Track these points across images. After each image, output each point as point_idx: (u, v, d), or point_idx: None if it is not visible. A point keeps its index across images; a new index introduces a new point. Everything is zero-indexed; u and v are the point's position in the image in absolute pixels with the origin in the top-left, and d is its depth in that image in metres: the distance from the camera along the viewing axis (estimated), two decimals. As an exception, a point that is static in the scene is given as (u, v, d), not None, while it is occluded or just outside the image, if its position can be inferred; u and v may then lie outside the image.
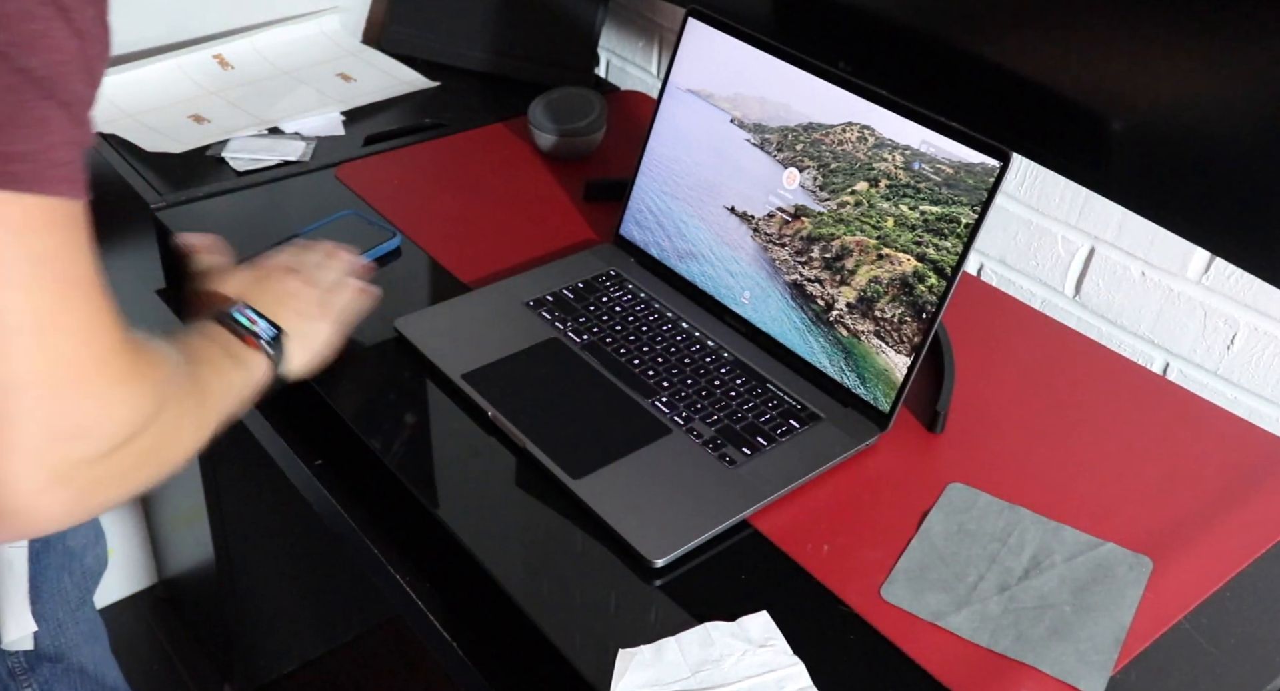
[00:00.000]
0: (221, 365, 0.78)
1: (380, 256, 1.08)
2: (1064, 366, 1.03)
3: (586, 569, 0.79)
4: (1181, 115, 0.82)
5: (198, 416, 0.71)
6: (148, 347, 0.65)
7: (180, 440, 0.69)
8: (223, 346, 0.80)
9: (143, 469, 0.65)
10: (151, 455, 0.65)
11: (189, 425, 0.70)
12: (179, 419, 0.67)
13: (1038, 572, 0.80)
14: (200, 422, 0.72)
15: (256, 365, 0.82)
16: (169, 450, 0.67)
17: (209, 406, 0.73)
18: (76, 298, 0.57)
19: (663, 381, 0.93)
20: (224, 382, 0.77)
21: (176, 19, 1.39)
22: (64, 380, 0.57)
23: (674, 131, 1.04)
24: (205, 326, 0.81)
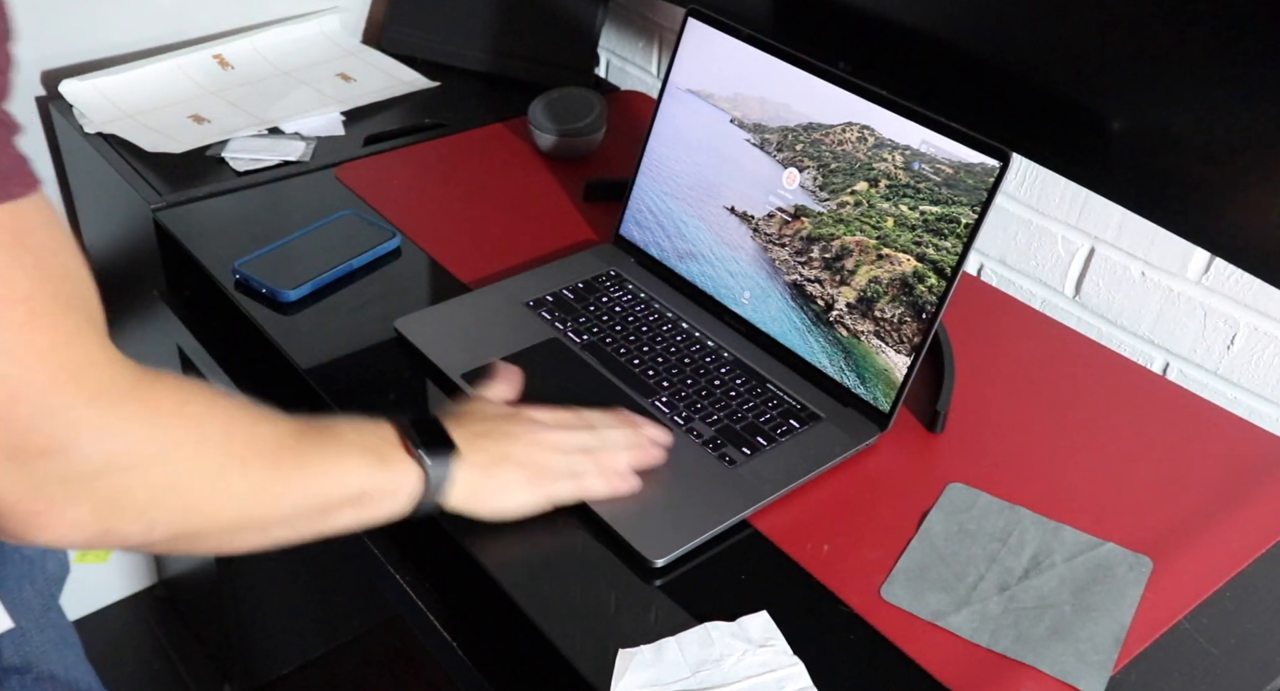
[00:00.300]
0: (346, 454, 0.71)
1: (380, 257, 1.08)
2: (1064, 366, 1.03)
3: (586, 569, 0.79)
4: (1181, 115, 0.82)
5: (262, 481, 0.66)
6: (156, 380, 0.61)
7: (218, 493, 0.64)
8: (368, 440, 0.73)
9: (162, 508, 0.61)
10: (172, 495, 0.61)
11: (238, 483, 0.64)
12: (219, 470, 0.63)
13: (1038, 572, 0.80)
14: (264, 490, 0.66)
15: (403, 471, 0.73)
16: (200, 498, 0.63)
17: (288, 479, 0.67)
18: (21, 313, 0.54)
19: (663, 381, 0.93)
20: (335, 469, 0.70)
21: (176, 19, 1.39)
22: (21, 394, 0.54)
23: (674, 131, 1.04)
24: (378, 421, 0.74)
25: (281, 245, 1.08)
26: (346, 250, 1.07)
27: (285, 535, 0.69)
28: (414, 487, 0.73)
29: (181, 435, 0.62)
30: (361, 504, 0.72)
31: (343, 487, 0.70)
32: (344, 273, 1.05)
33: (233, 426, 0.65)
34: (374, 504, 0.72)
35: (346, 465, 0.71)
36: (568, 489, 0.80)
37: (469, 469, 0.76)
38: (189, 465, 0.62)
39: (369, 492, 0.72)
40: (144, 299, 1.26)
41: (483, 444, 0.77)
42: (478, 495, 0.77)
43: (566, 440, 0.81)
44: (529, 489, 0.79)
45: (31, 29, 1.30)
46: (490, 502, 0.78)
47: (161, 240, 1.13)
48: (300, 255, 1.06)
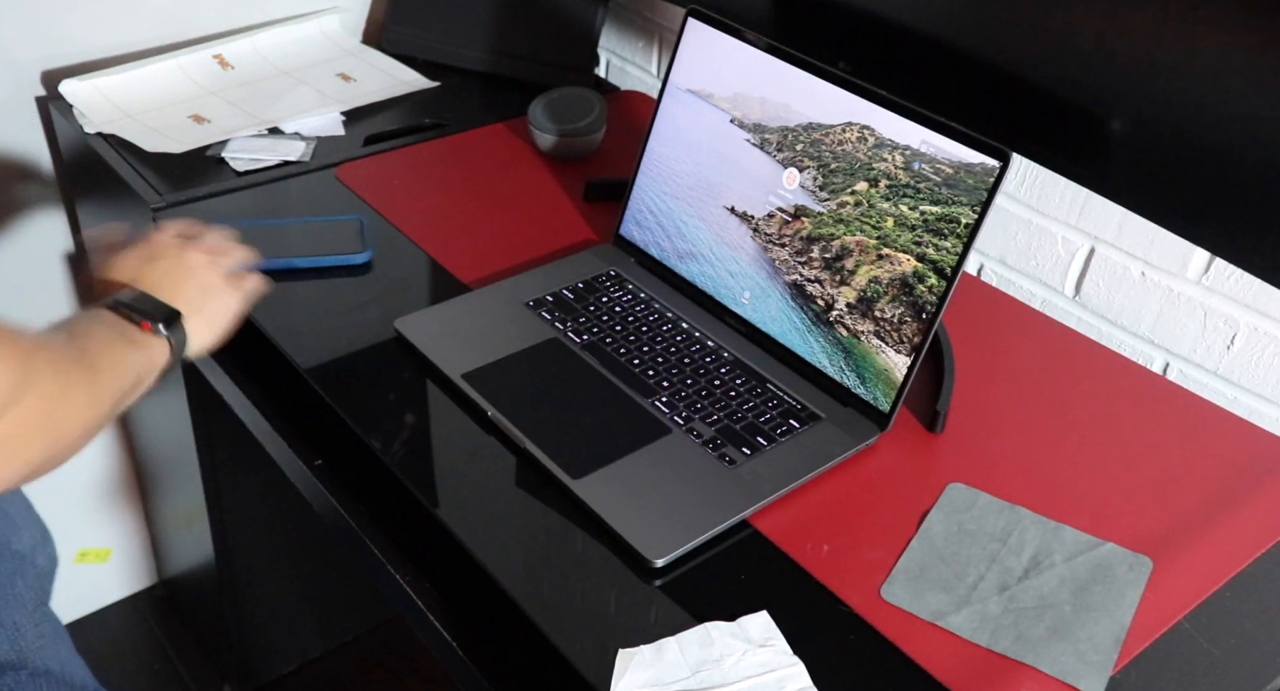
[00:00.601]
0: (114, 346, 0.77)
1: (339, 265, 1.07)
2: (1064, 366, 1.03)
3: (586, 569, 0.79)
4: (1181, 115, 0.82)
5: (89, 392, 0.71)
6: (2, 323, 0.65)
7: (71, 414, 0.69)
8: (116, 330, 0.78)
9: (34, 441, 0.65)
10: (39, 428, 0.65)
11: (79, 399, 0.70)
12: (64, 392, 0.68)
13: (1038, 572, 0.80)
14: (94, 398, 0.71)
15: (154, 347, 0.80)
16: (59, 423, 0.68)
17: (101, 383, 0.73)
18: None
19: (663, 381, 0.93)
20: (117, 362, 0.76)
21: (176, 19, 1.39)
22: None
23: (674, 131, 1.04)
24: (97, 312, 0.80)
25: (264, 223, 1.10)
26: (313, 248, 1.07)
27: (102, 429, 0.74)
28: (165, 356, 0.81)
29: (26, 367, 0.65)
30: (138, 385, 0.78)
31: (129, 377, 0.77)
32: (287, 267, 1.06)
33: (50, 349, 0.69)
34: (143, 383, 0.79)
35: (123, 356, 0.77)
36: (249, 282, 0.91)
37: (193, 317, 0.84)
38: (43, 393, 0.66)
39: (141, 375, 0.78)
40: (144, 299, 1.26)
41: (183, 290, 0.84)
42: (205, 335, 0.86)
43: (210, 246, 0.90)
44: (232, 300, 0.89)
45: (31, 29, 1.30)
46: (214, 334, 0.88)
47: (161, 240, 1.13)
48: (269, 237, 1.08)
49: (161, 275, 0.85)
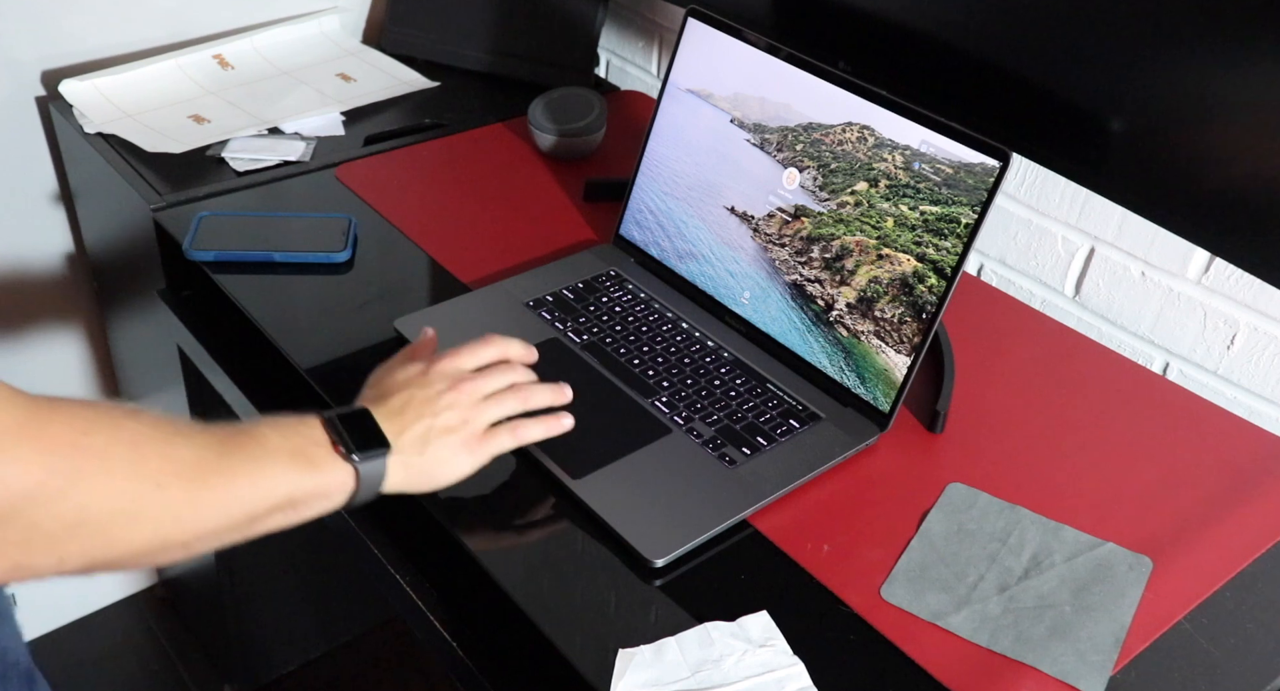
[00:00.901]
0: (273, 461, 0.69)
1: (316, 263, 1.07)
2: (1064, 366, 1.03)
3: (586, 569, 0.79)
4: (1181, 115, 0.82)
5: (181, 503, 0.64)
6: (52, 410, 0.59)
7: (133, 519, 0.62)
8: (295, 444, 0.71)
9: (73, 542, 0.60)
10: (82, 529, 0.60)
11: (154, 507, 0.63)
12: (132, 497, 0.61)
13: (1038, 572, 0.80)
14: (184, 510, 0.64)
15: (332, 473, 0.71)
16: (113, 528, 0.61)
17: (211, 496, 0.65)
18: None
19: (663, 381, 0.93)
20: (262, 479, 0.68)
21: (176, 19, 1.39)
22: None
23: (674, 131, 1.04)
24: (306, 419, 0.73)
25: (251, 215, 1.11)
26: (294, 243, 1.07)
27: (210, 546, 0.67)
28: (347, 486, 0.72)
29: (83, 465, 0.59)
30: (292, 508, 0.70)
31: (270, 496, 0.68)
32: (265, 259, 1.06)
33: (144, 450, 0.63)
34: (305, 507, 0.71)
35: (273, 473, 0.69)
36: (504, 440, 0.79)
37: (401, 455, 0.75)
38: (96, 496, 0.60)
39: (299, 498, 0.70)
40: (144, 299, 1.26)
41: (407, 422, 0.76)
42: (416, 476, 0.76)
43: (487, 385, 0.80)
44: (466, 453, 0.78)
45: (31, 29, 1.30)
46: (430, 480, 0.77)
47: (161, 240, 1.13)
48: (256, 229, 1.08)
49: (403, 403, 0.77)
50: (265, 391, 1.03)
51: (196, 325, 1.12)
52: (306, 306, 1.03)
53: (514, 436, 0.80)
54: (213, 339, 1.10)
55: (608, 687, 0.70)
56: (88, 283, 1.48)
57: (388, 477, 0.74)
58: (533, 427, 0.81)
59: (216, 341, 1.10)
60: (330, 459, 0.72)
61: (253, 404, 1.02)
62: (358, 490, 0.73)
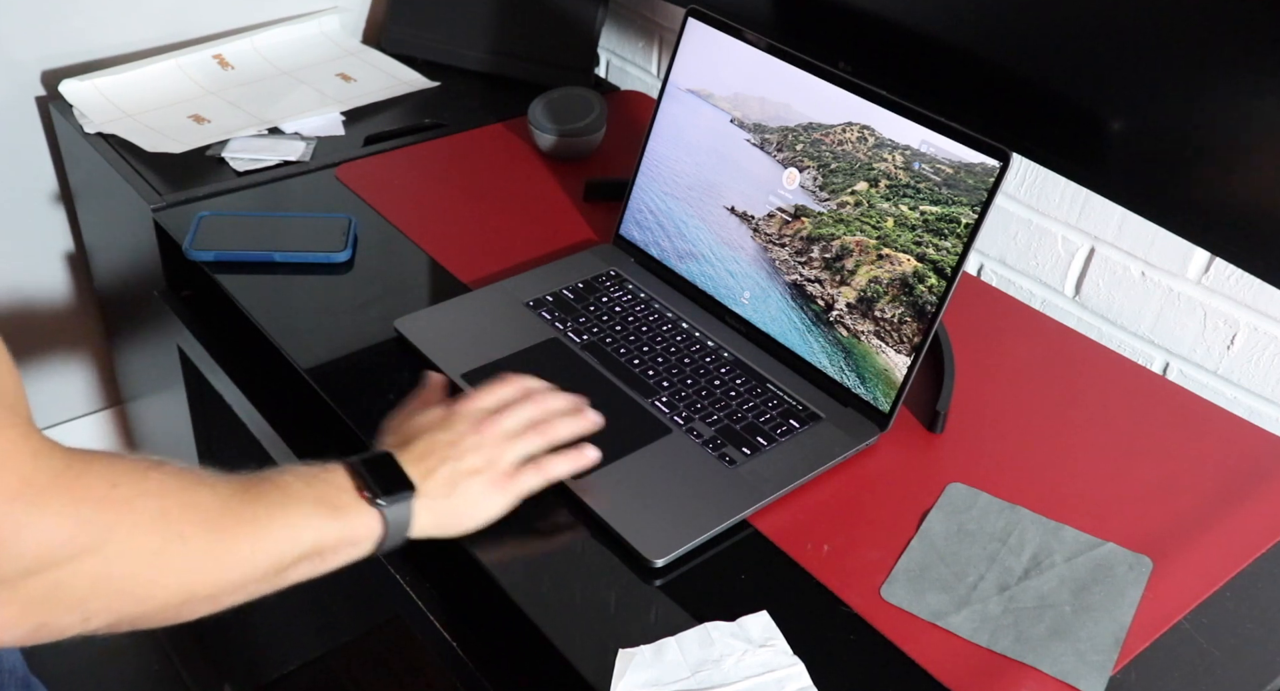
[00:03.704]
0: (297, 509, 0.68)
1: (316, 263, 1.07)
2: (1064, 366, 1.03)
3: (586, 569, 0.79)
4: (1181, 115, 0.82)
5: (204, 554, 0.63)
6: (83, 463, 0.58)
7: (159, 572, 0.61)
8: (320, 491, 0.70)
9: (98, 598, 0.59)
10: (108, 584, 0.58)
11: (179, 560, 0.61)
12: (158, 549, 0.60)
13: (1038, 572, 0.80)
14: (208, 562, 0.63)
15: (358, 518, 0.70)
16: (139, 582, 0.60)
17: (236, 546, 0.64)
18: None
19: (663, 381, 0.93)
20: (286, 528, 0.67)
21: (176, 19, 1.39)
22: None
23: (674, 131, 1.04)
24: (330, 466, 0.72)
25: (251, 215, 1.11)
26: (294, 243, 1.07)
27: (238, 599, 0.66)
28: (374, 532, 0.72)
29: (113, 520, 0.58)
30: (319, 556, 0.69)
31: (296, 546, 0.68)
32: (265, 259, 1.06)
33: (168, 501, 0.62)
34: (332, 555, 0.70)
35: (298, 522, 0.68)
36: (531, 479, 0.78)
37: (428, 499, 0.74)
38: (123, 550, 0.59)
39: (325, 546, 0.69)
40: (144, 299, 1.26)
41: (432, 466, 0.75)
42: (445, 520, 0.76)
43: (511, 422, 0.79)
44: (495, 494, 0.77)
45: (31, 29, 1.30)
46: (459, 523, 0.77)
47: (161, 240, 1.13)
48: (256, 229, 1.09)
49: (427, 448, 0.76)
50: (265, 391, 1.03)
51: (196, 325, 1.12)
52: (306, 306, 1.03)
53: (541, 474, 0.79)
54: (213, 339, 1.10)
55: (608, 687, 0.70)
56: (88, 283, 1.48)
57: (415, 522, 0.73)
58: (559, 464, 0.80)
59: (216, 341, 1.10)
60: (356, 504, 0.71)
61: (253, 404, 1.02)
62: (385, 536, 0.72)
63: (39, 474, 0.56)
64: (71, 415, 1.57)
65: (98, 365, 1.55)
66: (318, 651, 1.70)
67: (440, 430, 0.78)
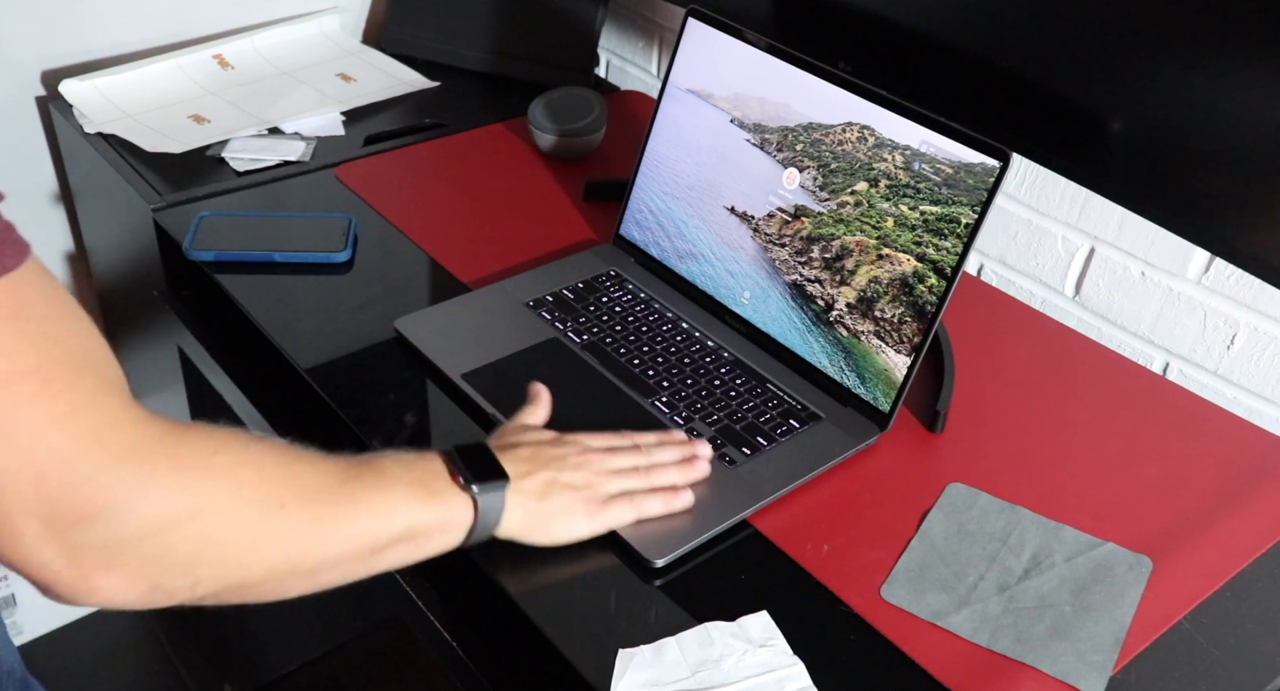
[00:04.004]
0: (394, 490, 0.69)
1: (316, 263, 1.07)
2: (1064, 366, 1.03)
3: (586, 569, 0.79)
4: (1181, 115, 0.82)
5: (305, 526, 0.64)
6: (184, 432, 0.60)
7: (261, 541, 0.63)
8: (416, 475, 0.71)
9: (205, 562, 0.60)
10: (214, 548, 0.60)
11: (280, 530, 0.63)
12: (259, 518, 0.62)
13: (1038, 572, 0.80)
14: (309, 534, 0.65)
15: (454, 505, 0.72)
16: (242, 548, 0.62)
17: (334, 522, 0.66)
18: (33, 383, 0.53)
19: (663, 381, 0.93)
20: (382, 507, 0.68)
21: (176, 19, 1.39)
22: (43, 467, 0.53)
23: (674, 131, 1.04)
24: (426, 453, 0.74)
25: (251, 215, 1.11)
26: (294, 243, 1.07)
27: (334, 578, 0.68)
28: (466, 520, 0.72)
29: (215, 486, 0.60)
30: (412, 540, 0.70)
31: (391, 526, 0.69)
32: (266, 259, 1.06)
33: (268, 471, 0.64)
34: (426, 539, 0.71)
35: (393, 502, 0.69)
36: (623, 511, 0.79)
37: (521, 497, 0.75)
38: (227, 516, 0.61)
39: (419, 529, 0.70)
40: (144, 299, 1.26)
41: (532, 469, 0.76)
42: (533, 523, 0.76)
43: (616, 462, 0.80)
44: (584, 513, 0.77)
45: (31, 29, 1.30)
46: (546, 530, 0.77)
47: (161, 240, 1.13)
48: (256, 229, 1.09)
49: (531, 454, 0.77)
50: (265, 391, 1.03)
51: (196, 325, 1.12)
52: (306, 306, 1.03)
53: (634, 508, 0.79)
54: (213, 339, 1.10)
55: (608, 687, 0.70)
56: (88, 283, 1.48)
57: (506, 516, 0.74)
58: (653, 502, 0.80)
59: (216, 341, 1.10)
60: (449, 489, 0.72)
61: (253, 404, 1.02)
62: (476, 524, 0.73)
63: (143, 440, 0.57)
64: (71, 415, 1.57)
65: (98, 365, 1.55)
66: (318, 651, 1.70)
67: (549, 445, 0.79)
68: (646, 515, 0.80)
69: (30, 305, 0.55)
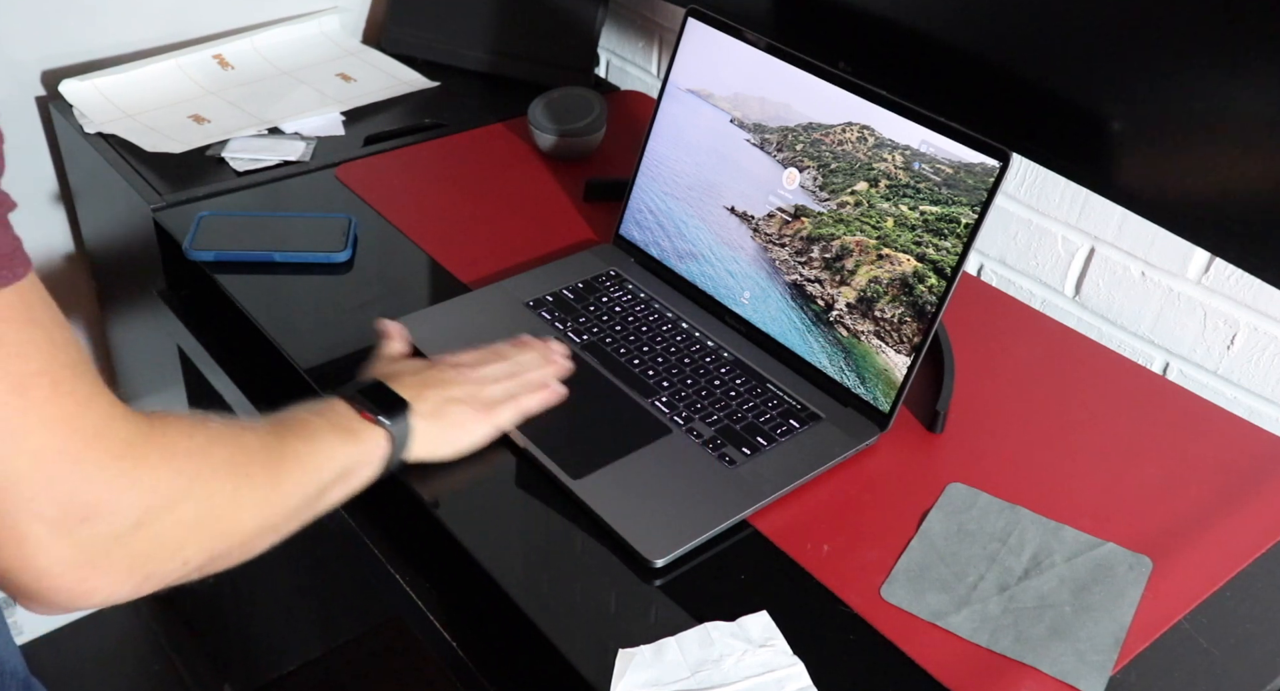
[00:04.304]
0: (322, 438, 0.75)
1: (316, 263, 1.07)
2: (1064, 366, 1.03)
3: (586, 569, 0.79)
4: (1181, 115, 0.82)
5: (267, 487, 0.69)
6: (160, 420, 0.63)
7: (237, 510, 0.66)
8: (331, 420, 0.77)
9: (193, 541, 0.63)
10: (200, 526, 0.63)
11: (250, 496, 0.68)
12: (236, 493, 0.66)
13: (1038, 572, 0.80)
14: (272, 494, 0.69)
15: (370, 439, 0.77)
16: (223, 520, 0.65)
17: (287, 478, 0.71)
18: (44, 386, 0.55)
19: (663, 381, 0.93)
20: (317, 454, 0.74)
21: (176, 19, 1.39)
22: (54, 468, 0.56)
23: (674, 131, 1.04)
24: (328, 399, 0.79)
25: (251, 215, 1.11)
26: (294, 243, 1.07)
27: (294, 526, 0.73)
28: (384, 451, 0.78)
29: (196, 468, 0.63)
30: (346, 478, 0.76)
31: (330, 469, 0.74)
32: (266, 259, 1.06)
33: (230, 445, 0.67)
34: (355, 475, 0.77)
35: (327, 449, 0.75)
36: (509, 412, 0.86)
37: (423, 419, 0.81)
38: (208, 493, 0.64)
39: (350, 467, 0.76)
40: (144, 299, 1.26)
41: (426, 393, 0.82)
42: (437, 440, 0.82)
43: (491, 371, 0.87)
44: (478, 421, 0.84)
45: (31, 29, 1.30)
46: (449, 444, 0.83)
47: (161, 240, 1.13)
48: (256, 229, 1.09)
49: (416, 380, 0.83)
50: (265, 391, 1.02)
51: (196, 325, 1.12)
52: (306, 306, 1.03)
53: (517, 408, 0.87)
54: (213, 339, 1.10)
55: (608, 687, 0.70)
56: (88, 283, 1.48)
57: (414, 439, 0.80)
58: (530, 399, 0.88)
59: (216, 341, 1.10)
60: (365, 427, 0.78)
61: (253, 404, 1.02)
62: (391, 453, 0.79)
63: (135, 435, 0.60)
64: (71, 415, 1.57)
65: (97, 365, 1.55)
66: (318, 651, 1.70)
67: (426, 369, 0.86)
68: (530, 411, 0.87)
69: (37, 311, 0.57)
